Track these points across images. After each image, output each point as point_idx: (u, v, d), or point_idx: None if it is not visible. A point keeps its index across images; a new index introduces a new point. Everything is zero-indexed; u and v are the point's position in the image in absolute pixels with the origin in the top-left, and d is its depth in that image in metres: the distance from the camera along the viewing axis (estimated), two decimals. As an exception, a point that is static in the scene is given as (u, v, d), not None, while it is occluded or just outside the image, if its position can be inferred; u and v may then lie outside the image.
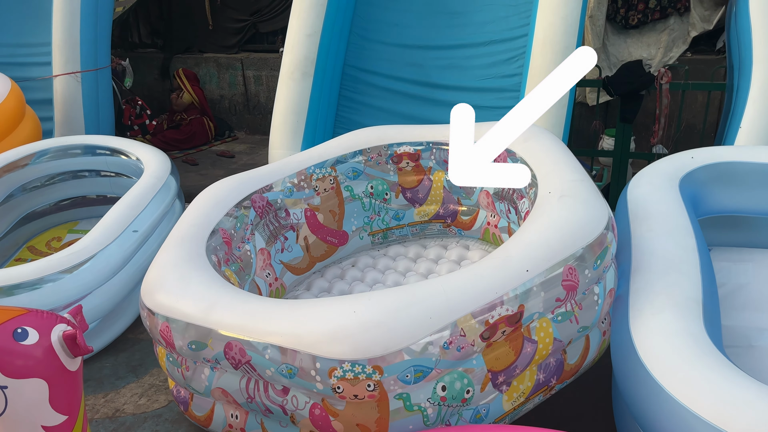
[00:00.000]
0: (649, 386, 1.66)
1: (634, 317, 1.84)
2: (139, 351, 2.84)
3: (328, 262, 2.97)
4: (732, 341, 2.15)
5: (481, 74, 3.92)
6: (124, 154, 3.61)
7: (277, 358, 1.70)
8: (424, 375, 1.65)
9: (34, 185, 3.65)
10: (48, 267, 2.64)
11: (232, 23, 6.89)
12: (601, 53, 5.47)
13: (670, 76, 3.99)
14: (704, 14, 5.31)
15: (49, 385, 1.33)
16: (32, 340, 1.30)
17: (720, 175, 2.64)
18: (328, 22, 3.92)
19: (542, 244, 1.85)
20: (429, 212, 3.06)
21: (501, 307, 1.72)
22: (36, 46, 4.95)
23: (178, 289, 2.00)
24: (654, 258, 2.06)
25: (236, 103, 6.95)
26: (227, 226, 2.49)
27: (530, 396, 1.90)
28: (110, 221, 2.92)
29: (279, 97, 3.86)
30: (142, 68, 6.98)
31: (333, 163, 2.93)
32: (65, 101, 4.65)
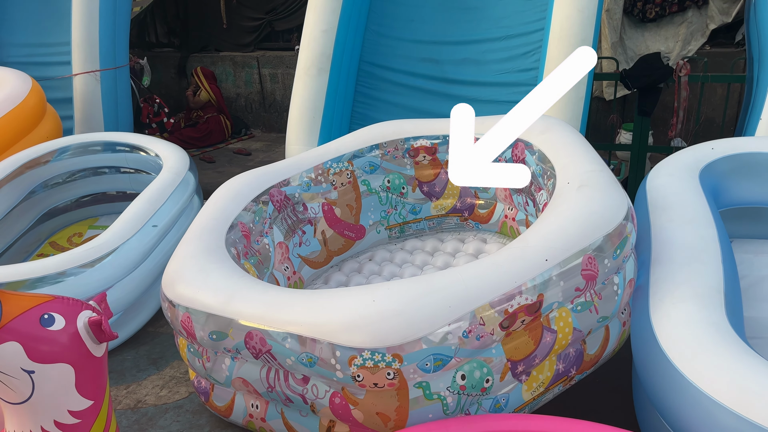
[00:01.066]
0: (670, 375, 1.65)
1: (654, 307, 1.83)
2: (160, 344, 2.87)
3: (346, 256, 2.98)
4: (755, 332, 2.12)
5: (497, 69, 3.90)
6: (144, 150, 3.65)
7: (297, 347, 1.71)
8: (444, 363, 1.65)
9: (56, 182, 3.70)
10: (70, 261, 2.68)
11: (248, 21, 6.93)
12: (618, 47, 5.42)
13: (689, 68, 3.95)
14: (723, 6, 5.24)
15: (75, 370, 1.35)
16: (59, 325, 1.32)
17: (741, 166, 2.61)
18: (344, 18, 3.93)
19: (561, 234, 1.84)
20: (446, 206, 3.05)
21: (520, 297, 1.71)
22: (55, 45, 5.02)
23: (199, 280, 2.02)
24: (674, 248, 2.05)
25: (252, 101, 6.98)
26: (246, 220, 2.52)
27: (550, 386, 1.90)
28: (130, 216, 2.95)
29: (295, 94, 3.88)
30: (159, 67, 7.04)
31: (350, 158, 2.95)
32: (84, 100, 4.71)
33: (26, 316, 1.29)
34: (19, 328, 1.28)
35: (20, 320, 1.28)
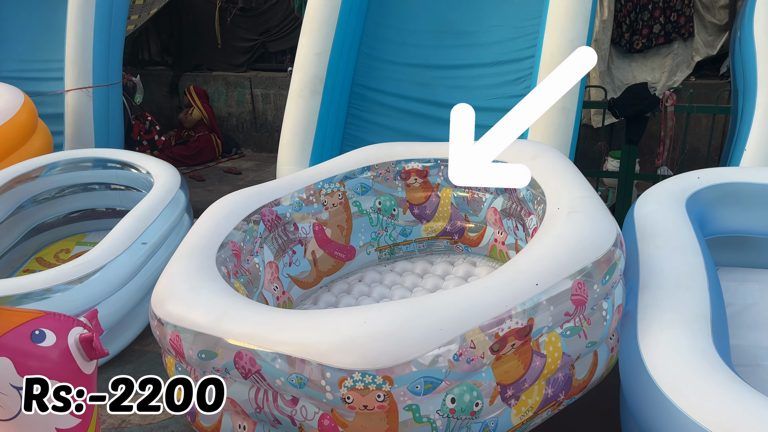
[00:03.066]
0: (658, 401, 1.66)
1: (642, 333, 1.85)
2: (146, 362, 2.84)
3: (335, 276, 2.98)
4: (740, 360, 2.15)
5: (487, 94, 3.96)
6: (135, 167, 3.64)
7: (287, 367, 1.71)
8: (434, 386, 1.65)
9: (45, 197, 3.68)
10: (57, 277, 2.66)
11: (242, 42, 6.99)
12: (606, 76, 5.53)
13: (675, 98, 4.04)
14: (708, 39, 5.38)
15: (64, 387, 1.34)
16: (49, 342, 1.31)
17: (726, 195, 2.66)
18: (338, 41, 3.99)
19: (551, 259, 1.86)
20: (436, 228, 3.07)
21: (510, 320, 1.73)
22: (49, 61, 5.04)
23: (189, 298, 2.01)
24: (662, 275, 2.08)
25: (244, 120, 7.01)
26: (237, 239, 2.51)
27: (539, 411, 1.90)
28: (120, 233, 2.94)
29: (288, 114, 3.91)
30: (151, 85, 7.07)
31: (341, 179, 2.96)
32: (76, 116, 4.71)
33: (17, 332, 1.28)
34: (10, 344, 1.27)
35: (11, 336, 1.27)
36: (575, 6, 3.48)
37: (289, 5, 6.57)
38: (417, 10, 4.25)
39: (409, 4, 4.26)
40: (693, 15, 5.36)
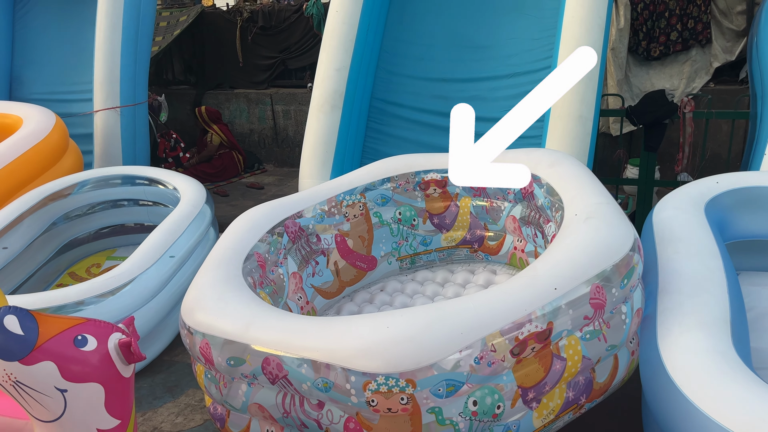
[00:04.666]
0: (679, 403, 1.68)
1: (662, 336, 1.87)
2: (175, 373, 2.91)
3: (358, 286, 3.04)
4: (762, 363, 2.15)
5: (505, 105, 3.97)
6: (162, 183, 3.75)
7: (313, 372, 1.76)
8: (456, 389, 1.69)
9: (76, 214, 3.81)
10: (90, 290, 2.76)
11: (262, 60, 7.15)
12: (624, 84, 5.54)
13: (694, 105, 4.04)
14: (726, 45, 5.37)
15: (105, 389, 1.41)
16: (91, 346, 1.39)
17: (745, 200, 2.66)
18: (357, 57, 4.07)
19: (569, 263, 1.90)
20: (456, 238, 3.12)
21: (530, 324, 1.76)
22: (78, 83, 5.22)
23: (217, 308, 2.08)
24: (681, 279, 2.09)
25: (265, 136, 7.14)
26: (262, 251, 2.59)
27: (560, 414, 1.92)
28: (149, 247, 3.04)
29: (309, 129, 3.99)
30: (175, 104, 7.24)
31: (362, 190, 3.03)
32: (105, 135, 4.87)
33: (61, 337, 1.36)
34: (55, 349, 1.35)
35: (55, 341, 1.35)
36: (590, 16, 3.52)
37: (308, 23, 6.71)
38: (434, 25, 4.32)
39: (426, 20, 4.34)
40: (710, 21, 5.36)
